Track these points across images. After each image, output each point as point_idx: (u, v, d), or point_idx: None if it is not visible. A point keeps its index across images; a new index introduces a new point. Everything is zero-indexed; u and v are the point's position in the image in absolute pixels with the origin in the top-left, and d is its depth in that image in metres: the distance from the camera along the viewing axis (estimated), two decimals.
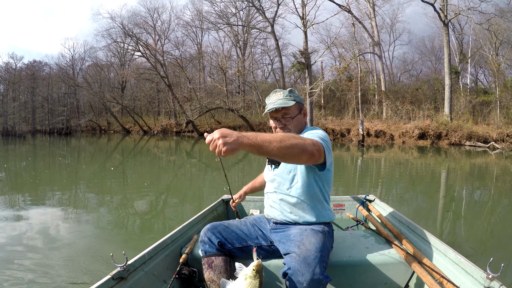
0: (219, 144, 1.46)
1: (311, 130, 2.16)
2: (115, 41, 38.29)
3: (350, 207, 3.59)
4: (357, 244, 2.45)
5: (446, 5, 25.73)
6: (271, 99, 2.29)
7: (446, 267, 2.07)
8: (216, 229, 2.20)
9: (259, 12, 31.81)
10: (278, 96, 2.26)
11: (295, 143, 1.64)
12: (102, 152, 20.65)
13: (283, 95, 2.25)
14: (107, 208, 6.53)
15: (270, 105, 2.25)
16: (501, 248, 4.45)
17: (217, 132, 1.50)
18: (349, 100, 34.01)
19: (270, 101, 2.28)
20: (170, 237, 2.42)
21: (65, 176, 10.72)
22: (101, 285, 1.70)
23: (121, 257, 1.86)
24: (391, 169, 12.63)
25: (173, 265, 2.32)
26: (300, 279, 1.66)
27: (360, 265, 2.20)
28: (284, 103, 2.18)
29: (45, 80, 49.50)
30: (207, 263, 2.13)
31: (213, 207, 3.30)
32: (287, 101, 2.20)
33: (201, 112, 32.56)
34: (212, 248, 2.15)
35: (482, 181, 10.25)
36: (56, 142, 30.03)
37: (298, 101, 2.27)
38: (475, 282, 1.79)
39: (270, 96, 2.32)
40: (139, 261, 2.04)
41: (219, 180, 9.22)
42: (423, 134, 24.24)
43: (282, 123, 2.25)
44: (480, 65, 35.27)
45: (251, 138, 1.55)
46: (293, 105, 2.22)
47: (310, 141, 1.76)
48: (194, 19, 41.71)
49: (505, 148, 20.71)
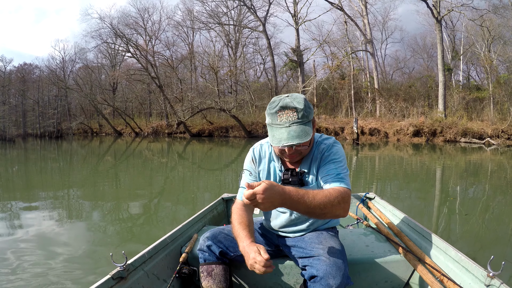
0: (259, 203, 1.46)
1: (327, 148, 1.89)
2: (104, 41, 37.75)
3: (350, 205, 3.43)
4: (358, 242, 2.41)
5: (438, 1, 25.67)
6: (281, 119, 1.72)
7: (446, 265, 2.06)
8: (216, 238, 2.07)
9: (250, 11, 31.59)
10: (290, 116, 1.70)
11: (326, 212, 1.62)
12: (94, 155, 20.35)
13: (298, 115, 1.70)
14: (103, 210, 6.43)
15: (282, 130, 1.71)
16: (502, 246, 4.42)
17: (262, 196, 1.44)
18: (342, 99, 33.91)
19: (280, 123, 1.72)
20: (170, 236, 2.39)
21: (58, 179, 10.46)
22: (101, 284, 1.68)
23: (121, 257, 1.83)
24: (388, 167, 12.41)
25: (173, 264, 2.29)
26: (331, 282, 1.62)
27: (361, 263, 2.17)
28: (304, 134, 1.69)
29: (36, 83, 49.01)
30: (206, 271, 2.03)
31: (213, 206, 3.28)
32: (307, 129, 1.71)
33: (192, 112, 32.23)
34: (212, 257, 2.05)
35: (483, 177, 10.08)
36: (47, 145, 29.62)
37: (312, 115, 1.79)
38: (475, 280, 1.78)
39: (278, 114, 1.73)
40: (139, 261, 2.02)
41: (212, 180, 9.02)
42: (417, 131, 24.14)
43: (296, 153, 1.84)
44: (472, 62, 35.49)
45: (287, 204, 1.55)
46: None
47: (341, 197, 1.65)
48: (185, 19, 41.49)
49: (500, 144, 20.59)
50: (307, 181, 1.91)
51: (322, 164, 1.86)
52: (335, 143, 1.91)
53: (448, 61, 32.92)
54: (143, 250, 2.10)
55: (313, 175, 1.90)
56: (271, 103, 1.76)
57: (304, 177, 1.91)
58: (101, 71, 47.44)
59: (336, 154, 1.85)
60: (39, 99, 49.17)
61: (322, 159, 1.87)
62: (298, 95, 1.76)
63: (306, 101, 1.75)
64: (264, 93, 36.41)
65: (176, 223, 2.62)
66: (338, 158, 1.84)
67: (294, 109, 1.69)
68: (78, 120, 46.68)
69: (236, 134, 30.86)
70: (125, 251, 1.86)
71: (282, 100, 1.73)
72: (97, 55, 46.38)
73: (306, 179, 1.91)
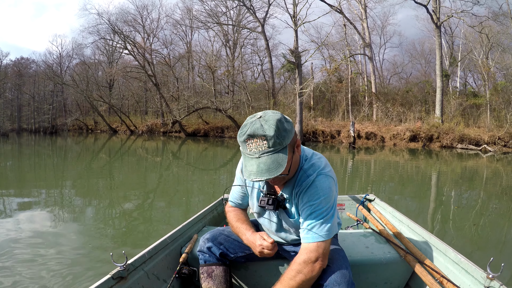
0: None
1: (307, 186, 1.67)
2: (102, 37, 37.53)
3: (350, 206, 3.63)
4: (357, 243, 2.41)
5: (438, 7, 25.64)
6: (250, 148, 1.52)
7: (446, 266, 2.08)
8: (217, 240, 2.06)
9: (249, 12, 31.39)
10: (260, 146, 1.49)
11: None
12: (89, 151, 20.23)
13: (269, 143, 1.48)
14: (100, 209, 6.40)
15: (252, 162, 1.52)
16: (501, 248, 4.48)
17: None
18: (339, 102, 33.83)
19: (250, 154, 1.53)
20: (170, 237, 2.39)
21: (54, 176, 10.34)
22: (101, 284, 1.68)
23: (121, 257, 1.84)
24: (385, 171, 12.28)
25: (173, 265, 2.30)
26: None
27: (360, 264, 2.16)
28: (276, 167, 1.49)
29: (32, 78, 48.72)
30: (206, 272, 2.02)
31: (213, 206, 3.27)
32: (280, 159, 1.50)
33: (188, 111, 32.01)
34: (213, 258, 2.04)
35: (479, 184, 10.01)
36: (41, 141, 29.39)
37: (289, 138, 1.54)
38: (475, 281, 1.79)
39: (247, 143, 1.52)
40: (139, 261, 2.02)
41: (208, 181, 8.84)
42: (414, 136, 24.01)
43: (275, 180, 1.68)
44: (469, 69, 35.62)
45: None
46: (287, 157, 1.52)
47: (310, 268, 1.59)
48: (184, 18, 41.29)
49: (497, 151, 20.55)
50: (290, 211, 1.79)
51: (301, 203, 1.69)
52: (318, 177, 1.65)
53: (446, 67, 32.94)
54: (143, 250, 2.10)
55: (295, 205, 1.75)
56: (241, 128, 1.54)
57: (285, 202, 1.78)
58: (98, 67, 47.17)
59: (315, 195, 1.63)
60: (35, 94, 48.97)
61: (301, 197, 1.69)
62: (272, 115, 1.52)
63: (281, 122, 1.50)
64: (261, 94, 36.26)
65: (170, 223, 2.62)
66: (316, 200, 1.63)
67: (263, 137, 1.47)
68: (73, 117, 46.52)
69: (232, 135, 30.63)
70: (120, 251, 1.89)
71: (252, 124, 1.50)
72: (95, 51, 46.26)
73: (286, 204, 1.78)
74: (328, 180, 1.66)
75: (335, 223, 1.66)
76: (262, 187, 1.85)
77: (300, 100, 24.72)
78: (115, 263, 1.81)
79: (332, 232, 1.63)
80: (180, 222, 2.67)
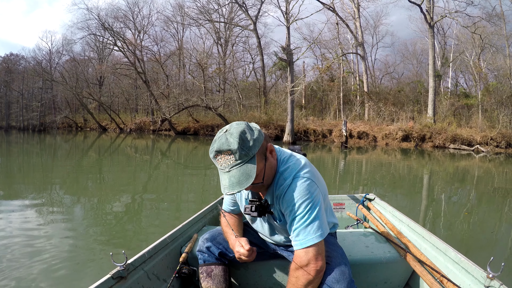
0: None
1: (283, 191, 1.66)
2: (91, 33, 36.94)
3: (350, 206, 3.66)
4: (357, 242, 2.40)
5: (432, 7, 25.56)
6: (220, 164, 1.55)
7: (446, 266, 2.07)
8: (216, 240, 2.08)
9: (242, 9, 31.06)
10: (228, 160, 1.53)
11: None
12: (78, 149, 19.80)
13: (235, 156, 1.52)
14: (101, 209, 6.19)
15: (224, 176, 1.55)
16: (502, 247, 4.46)
17: None
18: (330, 101, 33.72)
19: (221, 168, 1.56)
20: (170, 236, 2.38)
21: (47, 176, 9.96)
22: (101, 284, 1.67)
23: (121, 257, 1.82)
24: (379, 171, 12.05)
25: (173, 264, 2.30)
26: (336, 286, 1.61)
27: (360, 263, 2.16)
28: (245, 178, 1.52)
29: (21, 74, 47.99)
30: (205, 272, 2.03)
31: (213, 206, 3.23)
32: (249, 169, 1.53)
33: (178, 109, 31.62)
34: (212, 258, 2.06)
35: (472, 182, 9.87)
36: (30, 139, 28.83)
37: (256, 147, 1.56)
38: (475, 281, 1.79)
39: (217, 159, 1.56)
40: (139, 260, 2.01)
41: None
42: (406, 136, 23.92)
43: (254, 188, 1.71)
44: (460, 69, 35.81)
45: None
46: (256, 168, 1.55)
47: (306, 275, 1.57)
48: (175, 15, 40.85)
49: (489, 151, 20.46)
50: (275, 215, 1.79)
51: (282, 208, 1.69)
52: (294, 181, 1.64)
53: (438, 68, 32.97)
54: (143, 250, 2.08)
55: (278, 210, 1.75)
56: (211, 144, 1.59)
57: (270, 208, 1.78)
58: (88, 64, 46.53)
59: (292, 200, 1.62)
60: (24, 91, 48.20)
61: (281, 202, 1.68)
62: (235, 128, 1.56)
63: (243, 134, 1.53)
64: (252, 93, 36.03)
65: (167, 223, 2.54)
66: (294, 205, 1.61)
67: (229, 151, 1.52)
68: (62, 114, 45.83)
69: None
70: (119, 250, 1.93)
71: (219, 140, 1.55)
72: (85, 48, 45.57)
73: (271, 209, 1.78)
74: (305, 183, 1.63)
75: (323, 223, 1.62)
76: (247, 194, 1.87)
77: (292, 98, 24.47)
78: (114, 263, 1.79)
79: (322, 233, 1.59)
80: (170, 222, 2.65)
